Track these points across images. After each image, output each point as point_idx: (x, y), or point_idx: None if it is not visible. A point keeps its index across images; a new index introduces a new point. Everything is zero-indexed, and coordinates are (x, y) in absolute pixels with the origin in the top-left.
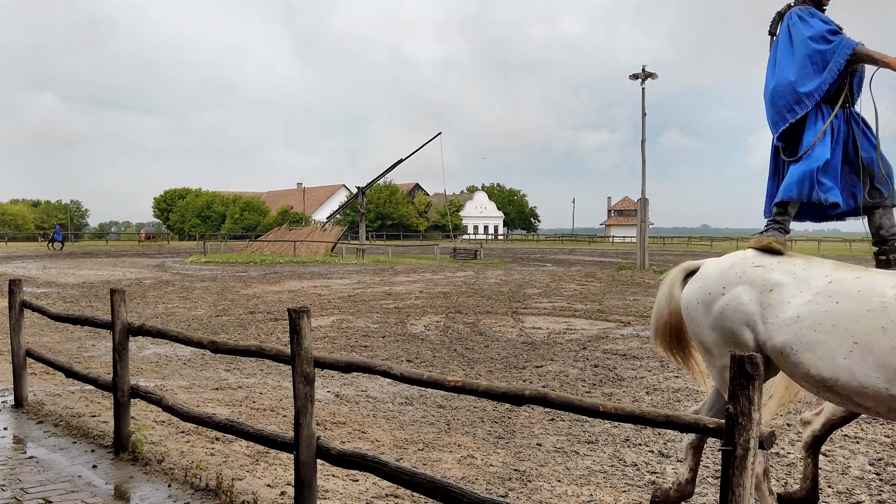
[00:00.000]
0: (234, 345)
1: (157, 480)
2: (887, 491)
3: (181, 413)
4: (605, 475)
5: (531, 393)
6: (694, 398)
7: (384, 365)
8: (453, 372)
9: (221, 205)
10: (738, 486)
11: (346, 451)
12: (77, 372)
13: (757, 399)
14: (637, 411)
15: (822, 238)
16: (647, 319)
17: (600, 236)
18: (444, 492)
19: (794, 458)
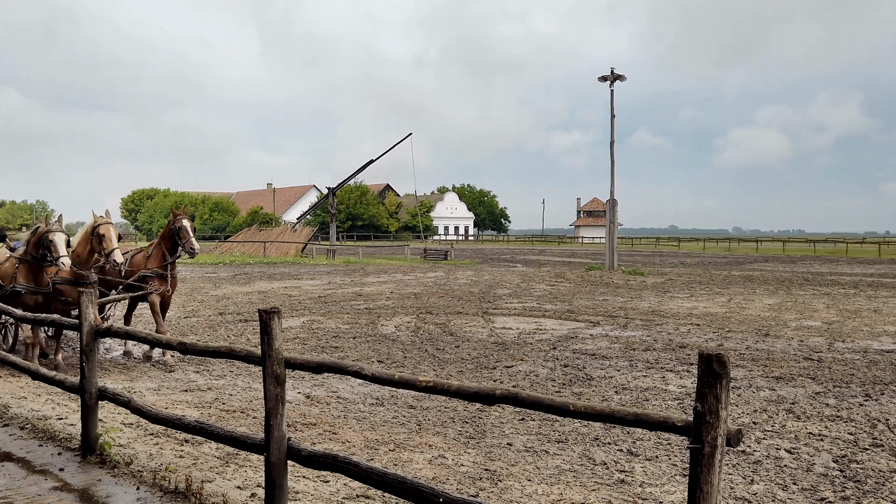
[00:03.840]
0: (203, 346)
1: (126, 483)
2: (851, 488)
3: (150, 415)
4: (575, 474)
5: (502, 393)
6: (662, 397)
7: (355, 365)
8: (424, 372)
9: (190, 205)
10: (706, 483)
11: (317, 452)
12: (44, 374)
13: (724, 397)
14: (606, 410)
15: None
16: (616, 320)
17: (570, 237)
18: (415, 492)
19: (761, 456)
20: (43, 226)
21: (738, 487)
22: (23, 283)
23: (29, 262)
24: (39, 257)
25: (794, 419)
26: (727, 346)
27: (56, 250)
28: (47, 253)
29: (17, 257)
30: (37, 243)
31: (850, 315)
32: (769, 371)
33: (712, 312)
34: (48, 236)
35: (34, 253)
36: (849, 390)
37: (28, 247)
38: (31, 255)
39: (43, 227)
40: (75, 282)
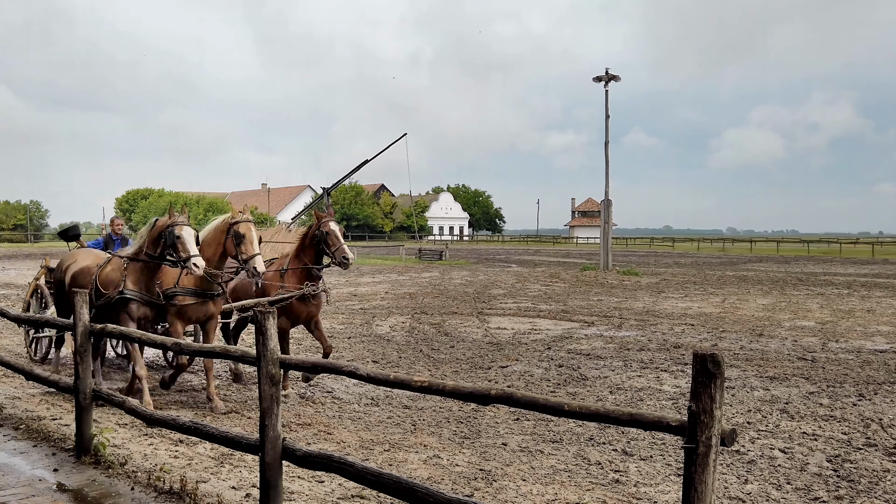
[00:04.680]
0: (198, 346)
1: (121, 483)
2: (844, 487)
3: (144, 416)
4: (570, 474)
5: (497, 393)
6: (657, 397)
7: (350, 366)
8: (419, 372)
9: (185, 205)
10: (700, 482)
11: (312, 453)
12: (38, 375)
13: (719, 397)
14: (601, 410)
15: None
16: (611, 320)
17: (564, 237)
18: (410, 492)
19: (755, 456)
20: (165, 217)
21: (733, 487)
22: (133, 289)
23: (144, 263)
24: (157, 257)
25: (788, 419)
26: (721, 346)
27: (185, 248)
28: (171, 252)
29: (128, 257)
30: (155, 240)
31: (843, 315)
32: (763, 371)
33: (706, 312)
34: (174, 231)
35: (151, 252)
36: (842, 390)
37: (143, 244)
38: (147, 255)
39: (165, 218)
40: (203, 294)
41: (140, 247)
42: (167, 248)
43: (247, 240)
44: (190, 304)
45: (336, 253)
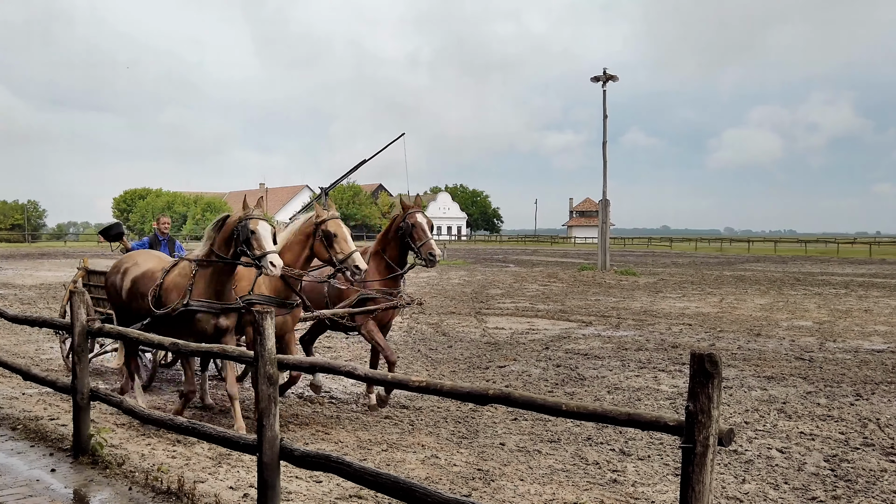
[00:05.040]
0: (196, 346)
1: (118, 483)
2: (842, 487)
3: (142, 416)
4: (568, 474)
5: (495, 392)
6: (654, 397)
7: (348, 366)
8: (417, 372)
9: (183, 205)
10: (698, 482)
11: (309, 453)
12: (35, 375)
13: (716, 397)
14: (599, 410)
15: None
16: (609, 319)
17: (562, 237)
18: (408, 492)
19: (752, 456)
20: (240, 211)
21: (730, 487)
22: (200, 298)
23: (215, 265)
24: (230, 258)
25: (786, 419)
26: (719, 345)
27: (260, 244)
28: (245, 250)
29: (196, 260)
30: (227, 239)
31: (841, 315)
32: (761, 371)
33: (704, 312)
34: (247, 225)
35: (222, 253)
36: (840, 390)
37: (212, 245)
38: (217, 256)
39: (239, 212)
40: (282, 302)
41: (209, 248)
42: (241, 246)
43: (339, 238)
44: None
45: (422, 248)
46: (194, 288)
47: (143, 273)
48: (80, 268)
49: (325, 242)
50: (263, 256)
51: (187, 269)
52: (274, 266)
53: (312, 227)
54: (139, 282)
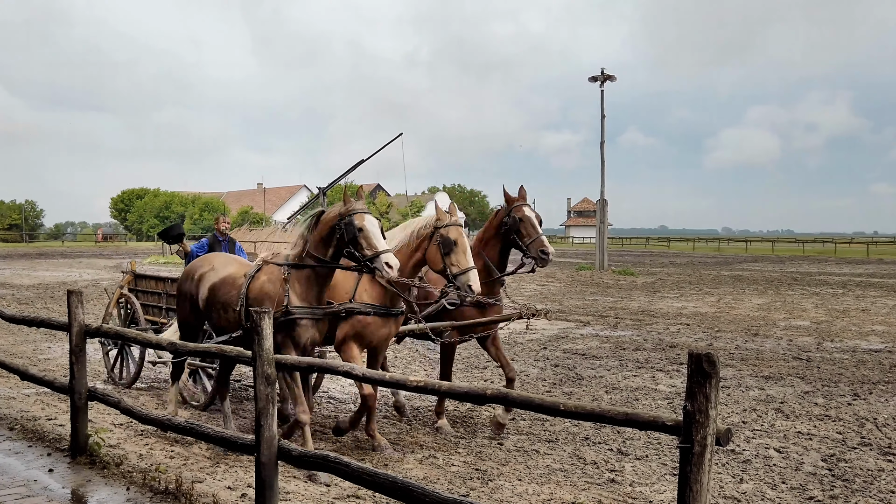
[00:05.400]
0: (193, 346)
1: (116, 484)
2: (839, 486)
3: (140, 415)
4: (566, 473)
5: (493, 393)
6: (652, 397)
7: (346, 366)
8: (415, 372)
9: (180, 205)
10: (695, 482)
11: (307, 453)
12: (33, 375)
13: (714, 397)
14: (597, 410)
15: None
16: (607, 319)
17: (560, 237)
18: (406, 491)
19: (750, 455)
20: (336, 206)
21: (728, 486)
22: (300, 304)
23: (312, 270)
24: (329, 261)
25: (783, 418)
26: (717, 345)
27: (370, 243)
28: (352, 250)
29: (289, 264)
30: (326, 237)
31: (838, 315)
32: (758, 370)
33: (702, 312)
34: (353, 221)
35: (319, 255)
36: (837, 389)
37: (306, 246)
38: (314, 258)
39: (336, 207)
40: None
41: (302, 249)
42: (345, 246)
43: (459, 248)
44: (371, 324)
45: (532, 246)
46: (290, 294)
47: (223, 280)
48: (126, 271)
49: (443, 250)
50: (377, 257)
51: (276, 274)
52: (391, 268)
53: (430, 230)
54: (219, 290)
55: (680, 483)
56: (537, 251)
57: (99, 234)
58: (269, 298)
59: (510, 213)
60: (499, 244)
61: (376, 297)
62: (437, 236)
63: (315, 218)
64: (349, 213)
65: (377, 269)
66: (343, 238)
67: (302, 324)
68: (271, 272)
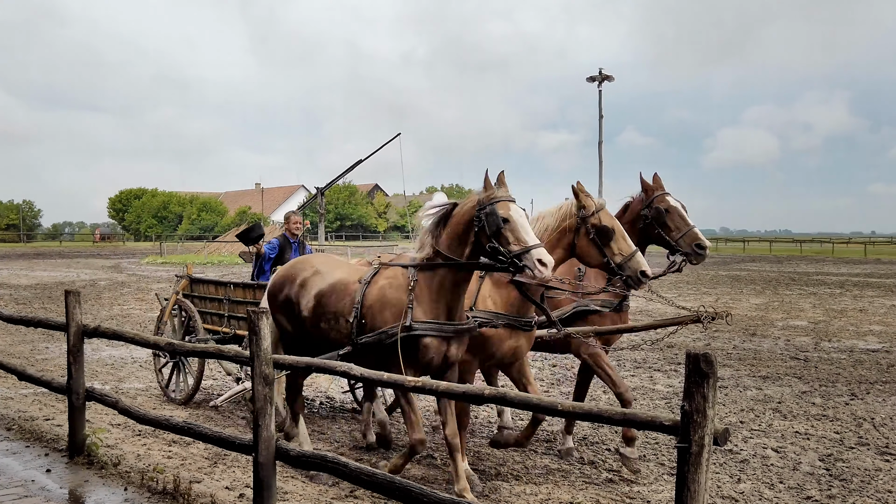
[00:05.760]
0: (191, 347)
1: (114, 484)
2: (837, 486)
3: (137, 416)
4: (563, 473)
5: (490, 393)
6: (650, 396)
7: (344, 366)
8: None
9: (178, 205)
10: (693, 482)
11: (305, 453)
12: (30, 375)
13: (712, 397)
14: (594, 409)
15: (774, 239)
16: None
17: None
18: (404, 492)
19: (747, 455)
20: (476, 194)
21: (726, 486)
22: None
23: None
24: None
25: (781, 418)
26: (714, 345)
27: (518, 237)
28: (495, 244)
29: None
30: (462, 233)
31: (836, 315)
32: (756, 370)
33: None
34: (495, 211)
35: (454, 254)
36: (835, 389)
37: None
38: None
39: (476, 195)
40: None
41: (432, 248)
42: (487, 242)
43: (618, 234)
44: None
45: (683, 240)
46: (415, 304)
47: (333, 286)
48: (181, 276)
49: (600, 239)
50: (526, 252)
51: (399, 278)
52: (545, 266)
53: (577, 220)
54: (328, 297)
55: (678, 483)
56: (691, 245)
57: (97, 235)
58: (391, 308)
59: (651, 204)
60: (635, 239)
61: (503, 303)
62: (587, 226)
63: (447, 211)
64: (490, 202)
65: (527, 267)
66: (483, 231)
67: (428, 339)
68: (393, 276)
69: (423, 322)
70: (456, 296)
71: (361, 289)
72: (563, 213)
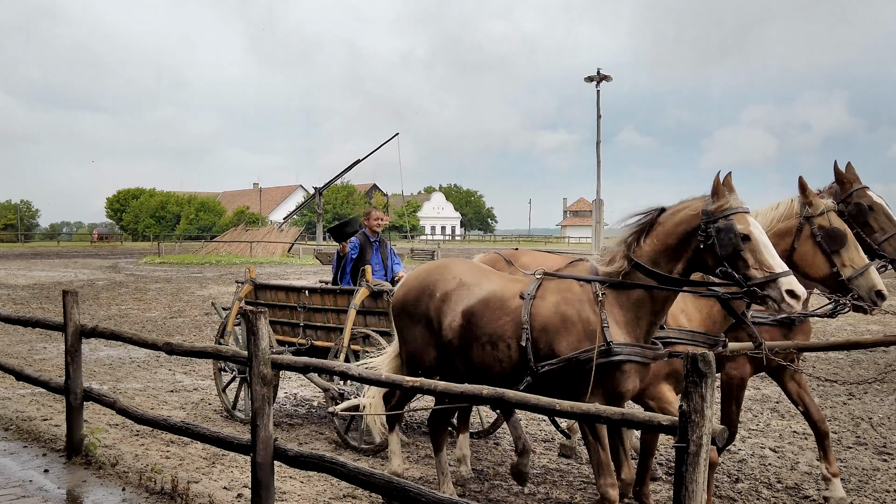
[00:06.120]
0: (189, 347)
1: (111, 484)
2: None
3: (135, 416)
4: (561, 473)
5: (489, 393)
6: None
7: (342, 366)
8: None
9: (176, 205)
10: (691, 481)
11: (303, 453)
12: (28, 375)
13: (709, 396)
14: (592, 410)
15: None
16: None
17: (556, 237)
18: (402, 492)
19: (745, 455)
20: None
21: (724, 486)
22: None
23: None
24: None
25: (779, 418)
26: None
27: (762, 260)
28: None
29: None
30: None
31: None
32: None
33: None
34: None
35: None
36: (832, 389)
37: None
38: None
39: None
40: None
41: (626, 260)
42: (717, 262)
43: (850, 241)
44: None
45: (889, 243)
46: (610, 322)
47: (486, 301)
48: (243, 281)
49: (826, 247)
50: (773, 281)
51: (579, 294)
52: (796, 299)
53: (799, 221)
54: (480, 315)
55: (675, 482)
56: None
57: (94, 235)
58: (572, 328)
59: (848, 199)
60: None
61: (703, 319)
62: (813, 228)
63: (652, 216)
64: (724, 213)
65: (771, 298)
66: (711, 249)
67: (627, 365)
68: (566, 290)
69: (624, 345)
70: (659, 315)
71: (526, 305)
72: (782, 213)
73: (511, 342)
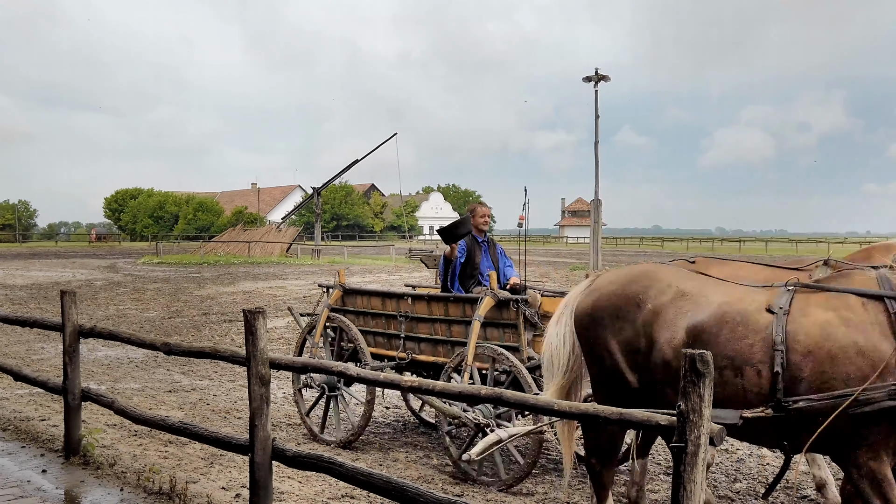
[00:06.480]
0: (187, 347)
1: (109, 484)
2: (833, 485)
3: (133, 416)
4: (560, 473)
5: (487, 393)
6: None
7: (340, 366)
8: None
9: (174, 205)
10: (689, 481)
11: (301, 453)
12: (26, 375)
13: (708, 396)
14: (591, 410)
15: (769, 238)
16: None
17: (554, 237)
18: (400, 492)
19: (744, 455)
20: None
21: (722, 485)
22: None
23: None
24: None
25: None
26: None
27: None
28: None
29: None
30: None
31: None
32: None
33: None
34: None
35: None
36: None
37: None
38: None
39: None
40: None
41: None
42: None
43: None
44: None
45: None
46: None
47: (720, 316)
48: (331, 286)
49: None
50: None
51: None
52: None
53: None
54: (714, 334)
55: (674, 482)
56: None
57: (93, 235)
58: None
59: None
60: None
61: None
62: None
63: None
64: None
65: None
66: None
67: None
68: (842, 306)
69: None
70: None
71: (779, 322)
72: None
73: (759, 367)
